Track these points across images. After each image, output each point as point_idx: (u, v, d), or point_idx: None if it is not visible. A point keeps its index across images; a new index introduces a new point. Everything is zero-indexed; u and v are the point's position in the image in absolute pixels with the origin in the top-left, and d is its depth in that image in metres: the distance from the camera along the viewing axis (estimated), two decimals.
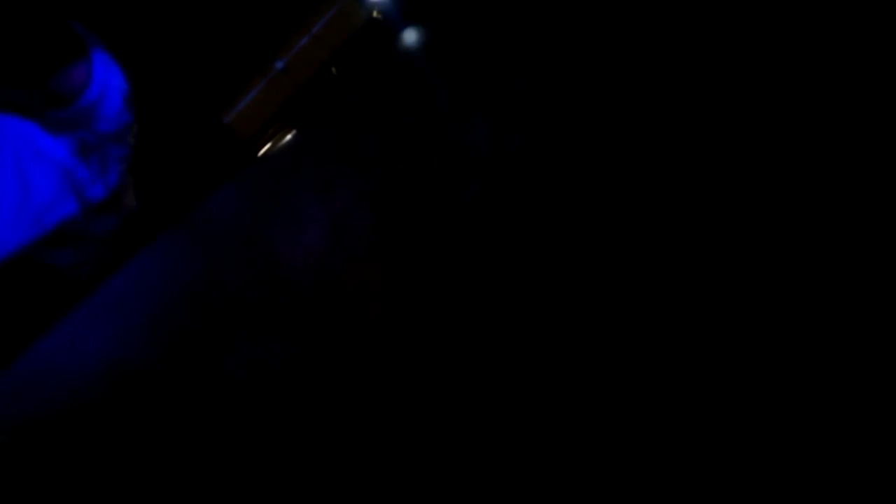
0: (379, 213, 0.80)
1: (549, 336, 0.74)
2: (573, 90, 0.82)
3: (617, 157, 0.79)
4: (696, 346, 0.71)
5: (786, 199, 0.74)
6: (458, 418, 0.72)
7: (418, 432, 0.72)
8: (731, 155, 0.77)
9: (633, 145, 0.79)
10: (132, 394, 0.72)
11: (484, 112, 0.82)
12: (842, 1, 0.77)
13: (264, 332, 0.76)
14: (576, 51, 0.82)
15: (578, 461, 0.69)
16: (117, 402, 0.72)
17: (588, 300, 0.75)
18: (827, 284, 0.70)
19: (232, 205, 0.82)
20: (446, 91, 0.85)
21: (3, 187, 0.81)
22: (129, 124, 1.05)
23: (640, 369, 0.71)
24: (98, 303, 0.76)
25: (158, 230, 0.94)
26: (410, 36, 0.90)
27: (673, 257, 0.75)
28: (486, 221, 0.79)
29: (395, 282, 0.77)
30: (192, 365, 0.75)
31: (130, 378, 0.73)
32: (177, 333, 0.75)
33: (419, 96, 0.86)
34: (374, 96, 0.88)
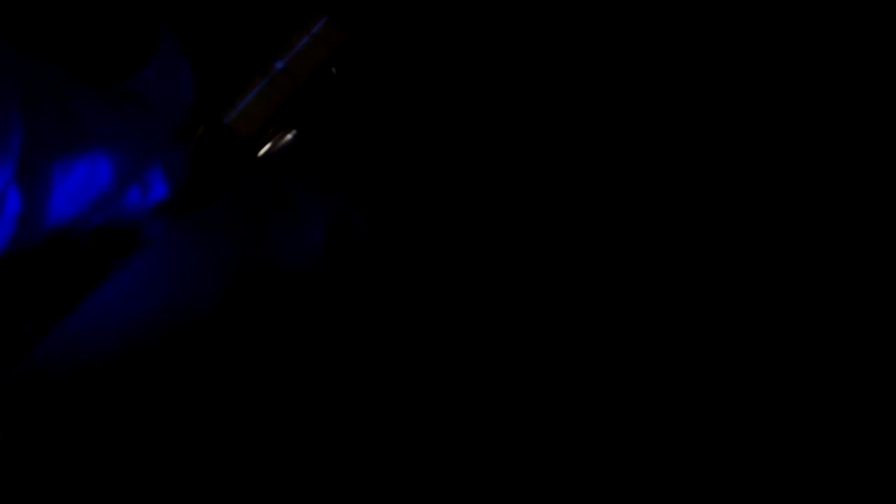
0: (378, 212, 0.80)
1: (548, 336, 0.74)
2: (571, 90, 0.82)
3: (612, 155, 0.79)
4: (683, 344, 0.71)
5: (774, 197, 0.74)
6: (456, 414, 0.72)
7: (417, 431, 0.72)
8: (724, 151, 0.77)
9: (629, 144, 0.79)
10: (128, 385, 0.73)
11: (482, 110, 0.82)
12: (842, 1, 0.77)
13: (263, 332, 0.76)
14: (573, 49, 0.83)
15: (573, 457, 0.69)
16: (118, 392, 0.72)
17: (587, 298, 0.75)
18: (826, 284, 0.70)
19: (231, 205, 0.82)
20: (446, 90, 0.85)
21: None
22: (188, 103, 1.07)
23: (635, 365, 0.71)
24: (98, 299, 0.76)
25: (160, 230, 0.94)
26: (410, 35, 0.90)
27: (668, 254, 0.75)
28: (486, 221, 0.79)
29: (394, 281, 0.77)
30: (190, 365, 0.75)
31: (127, 371, 0.73)
32: (175, 333, 0.75)
33: (419, 95, 0.87)
34: (373, 96, 0.88)
